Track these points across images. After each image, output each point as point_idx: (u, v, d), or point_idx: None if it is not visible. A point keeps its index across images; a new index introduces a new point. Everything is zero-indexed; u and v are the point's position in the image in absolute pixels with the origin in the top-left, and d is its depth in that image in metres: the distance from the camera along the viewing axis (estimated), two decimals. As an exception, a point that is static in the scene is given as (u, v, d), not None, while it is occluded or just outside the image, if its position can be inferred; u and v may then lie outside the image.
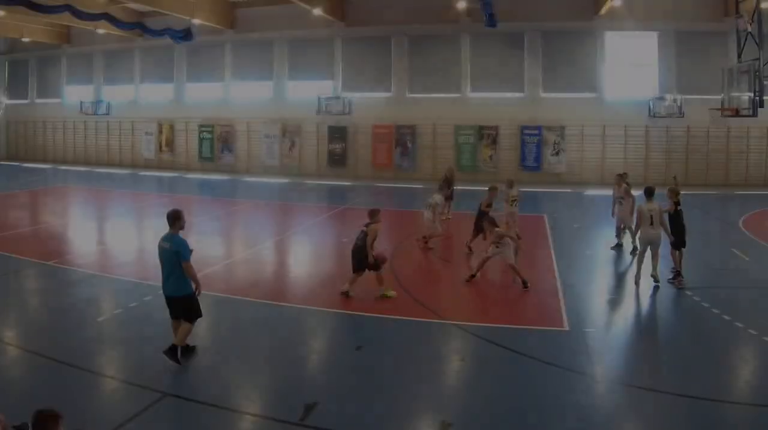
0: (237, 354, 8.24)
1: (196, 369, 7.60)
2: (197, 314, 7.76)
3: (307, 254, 15.05)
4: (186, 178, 29.53)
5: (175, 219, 7.64)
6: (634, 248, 13.32)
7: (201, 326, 8.57)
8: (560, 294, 10.84)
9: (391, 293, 10.51)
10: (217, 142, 31.18)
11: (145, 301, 10.01)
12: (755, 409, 6.82)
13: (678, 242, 11.49)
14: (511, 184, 15.18)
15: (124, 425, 6.08)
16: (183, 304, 7.63)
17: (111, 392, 7.03)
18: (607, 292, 11.66)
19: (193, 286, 7.64)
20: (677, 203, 11.62)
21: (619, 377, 7.57)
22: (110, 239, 16.28)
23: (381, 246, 14.68)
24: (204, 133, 31.37)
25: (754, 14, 18.88)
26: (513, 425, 6.42)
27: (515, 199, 15.02)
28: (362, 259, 10.37)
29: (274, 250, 15.04)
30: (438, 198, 15.02)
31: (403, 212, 21.34)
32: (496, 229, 11.60)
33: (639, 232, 11.61)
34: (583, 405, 6.76)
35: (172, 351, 7.56)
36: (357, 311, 9.88)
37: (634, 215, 12.89)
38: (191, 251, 7.63)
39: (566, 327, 9.16)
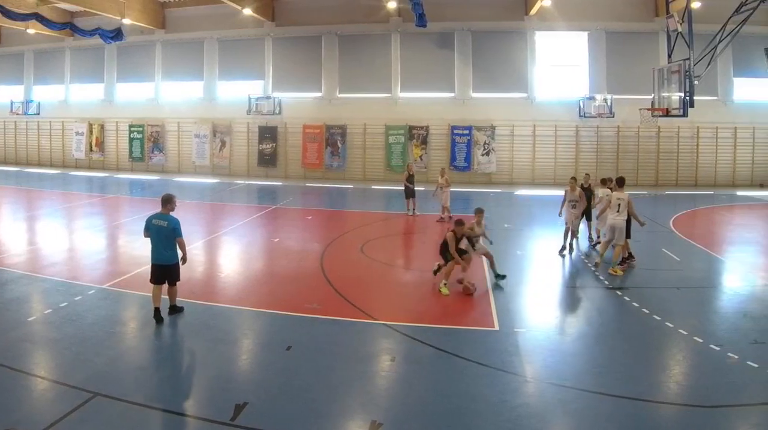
0: (167, 354, 8.06)
1: (127, 369, 7.31)
2: (178, 278, 8.98)
3: (237, 254, 14.23)
4: (116, 178, 27.81)
5: (167, 201, 8.82)
6: (563, 248, 13.37)
7: (131, 326, 8.85)
8: (490, 294, 10.56)
9: (445, 291, 10.44)
10: (148, 143, 29.48)
11: (75, 301, 9.62)
12: (683, 409, 6.62)
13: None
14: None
15: (55, 425, 5.88)
16: (171, 271, 8.82)
17: (42, 391, 6.73)
18: (537, 292, 11.14)
19: (180, 255, 8.84)
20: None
21: (549, 376, 7.29)
22: (39, 239, 15.23)
23: (314, 245, 14.37)
24: (134, 133, 29.64)
25: (684, 14, 17.94)
26: (444, 424, 6.16)
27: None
28: (446, 253, 10.92)
29: (204, 250, 14.18)
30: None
31: (333, 212, 20.64)
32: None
33: (601, 219, 12.39)
34: (513, 405, 6.56)
35: (172, 309, 9.00)
36: (287, 311, 9.53)
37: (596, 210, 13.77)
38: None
39: (496, 327, 8.92)
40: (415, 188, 18.24)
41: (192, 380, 7.34)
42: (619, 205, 12.07)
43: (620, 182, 12.51)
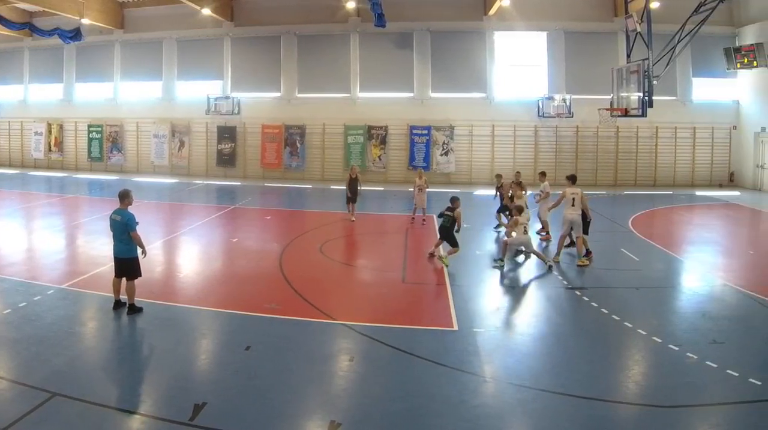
0: (127, 354, 7.83)
1: (86, 369, 7.16)
2: (137, 274, 8.97)
3: (197, 254, 13.85)
4: (75, 178, 26.84)
5: (124, 197, 8.96)
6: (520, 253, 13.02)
7: (90, 326, 8.72)
8: (449, 294, 10.35)
9: (446, 262, 11.76)
10: (107, 143, 28.46)
11: (34, 301, 9.44)
12: (642, 409, 6.50)
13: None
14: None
15: (14, 425, 5.80)
16: (128, 265, 8.87)
17: (0, 391, 6.54)
18: (496, 292, 10.98)
19: (139, 250, 8.86)
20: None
21: (508, 376, 7.19)
22: (-3, 239, 14.84)
23: (273, 245, 14.18)
24: (93, 133, 28.61)
25: (643, 14, 17.46)
26: (402, 424, 6.07)
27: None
28: (450, 236, 12.25)
29: (163, 250, 13.81)
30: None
31: (292, 212, 20.25)
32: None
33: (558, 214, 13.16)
34: (472, 404, 6.44)
35: (131, 308, 8.86)
36: (246, 311, 9.33)
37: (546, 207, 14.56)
38: (137, 223, 8.85)
39: (455, 327, 8.75)
40: (375, 189, 17.66)
41: (151, 380, 7.14)
42: (573, 199, 12.49)
43: (572, 179, 13.13)
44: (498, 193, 16.36)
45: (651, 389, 6.92)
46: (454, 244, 12.22)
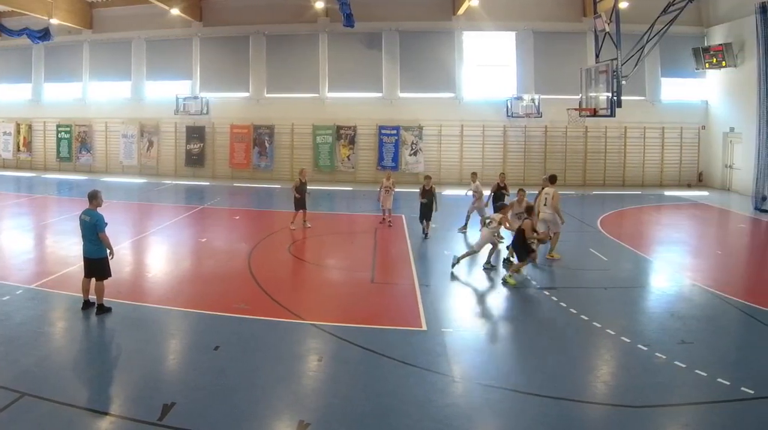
0: (96, 354, 7.78)
1: (56, 369, 7.09)
2: (107, 274, 8.89)
3: (165, 254, 13.71)
4: (44, 178, 26.16)
5: (93, 197, 8.87)
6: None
7: (59, 326, 8.60)
8: (418, 294, 10.26)
9: (513, 281, 10.82)
10: (75, 142, 27.78)
11: (2, 301, 9.35)
12: (611, 409, 6.46)
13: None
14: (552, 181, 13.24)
15: None
16: (97, 265, 8.79)
17: None
18: (465, 292, 10.87)
19: (108, 251, 8.78)
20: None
21: (477, 376, 7.13)
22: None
23: (241, 245, 13.96)
24: (62, 133, 27.94)
25: (611, 14, 17.13)
26: (371, 424, 5.99)
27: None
28: (517, 248, 11.19)
29: (132, 250, 13.62)
30: None
31: (261, 212, 20.05)
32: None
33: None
34: (441, 405, 6.36)
35: (99, 308, 8.78)
36: (215, 311, 9.24)
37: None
38: (106, 223, 8.80)
39: (424, 327, 8.68)
40: (343, 189, 17.12)
41: (120, 380, 7.06)
42: (546, 199, 12.74)
43: (552, 179, 13.27)
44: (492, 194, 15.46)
45: (620, 389, 6.87)
46: (522, 256, 11.17)
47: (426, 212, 14.74)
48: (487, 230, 11.69)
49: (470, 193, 15.72)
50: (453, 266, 11.58)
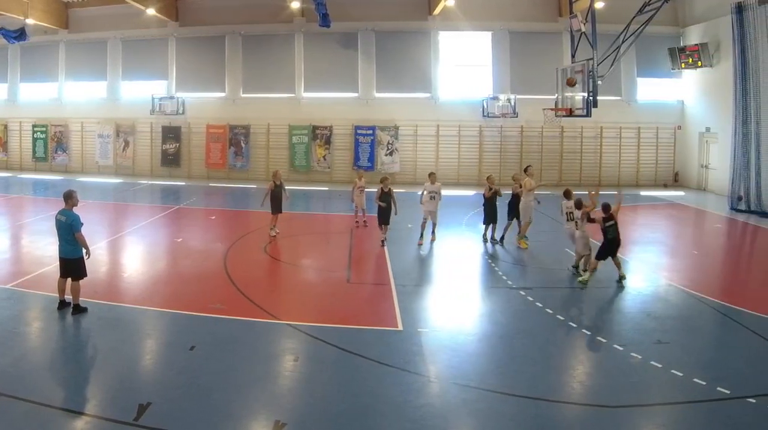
0: (71, 354, 7.67)
1: (31, 369, 6.97)
2: (82, 274, 8.76)
3: (141, 254, 13.55)
4: (19, 178, 25.73)
5: (68, 197, 8.80)
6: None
7: (35, 326, 8.50)
8: (394, 294, 10.17)
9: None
10: (51, 142, 27.29)
11: None
12: (587, 409, 6.41)
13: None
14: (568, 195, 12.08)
15: None
16: (73, 265, 8.67)
17: None
18: (440, 292, 10.75)
19: (84, 251, 8.68)
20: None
21: (453, 376, 7.01)
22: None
23: (217, 245, 13.72)
24: (38, 133, 27.45)
25: (587, 14, 16.68)
26: (347, 424, 5.93)
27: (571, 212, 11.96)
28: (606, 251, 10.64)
29: (107, 250, 13.40)
30: None
31: (237, 212, 19.78)
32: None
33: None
34: (417, 404, 6.30)
35: (75, 308, 8.69)
36: (190, 311, 9.17)
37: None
38: (82, 224, 8.71)
39: (400, 327, 8.62)
40: (319, 189, 16.74)
41: (96, 380, 6.99)
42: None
43: (526, 170, 14.20)
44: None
45: (596, 389, 6.82)
46: (601, 256, 10.67)
47: (384, 216, 13.64)
48: (579, 233, 11.24)
49: (433, 195, 14.04)
50: (577, 270, 11.40)
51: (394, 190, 14.07)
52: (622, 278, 10.77)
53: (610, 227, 10.47)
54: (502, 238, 14.00)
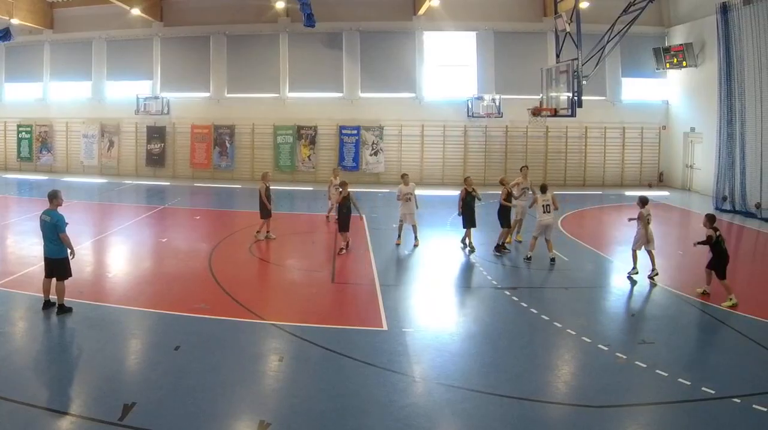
0: (56, 354, 7.55)
1: (16, 369, 6.88)
2: (67, 274, 8.67)
3: (126, 254, 13.37)
4: (4, 178, 25.23)
5: (53, 197, 8.65)
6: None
7: (20, 326, 8.35)
8: (379, 294, 10.08)
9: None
10: (36, 142, 26.80)
11: None
12: (572, 409, 6.34)
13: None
14: (544, 190, 12.43)
15: None
16: (57, 265, 8.58)
17: None
18: (425, 292, 10.58)
19: (68, 251, 8.56)
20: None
21: (437, 376, 6.93)
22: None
23: (202, 245, 13.67)
24: (22, 133, 26.98)
25: (572, 14, 16.47)
26: (332, 424, 5.87)
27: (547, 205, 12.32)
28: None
29: (92, 250, 13.26)
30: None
31: (221, 212, 19.52)
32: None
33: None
34: (402, 404, 6.25)
35: (60, 308, 8.57)
36: (175, 311, 9.09)
37: None
38: (67, 223, 8.60)
39: (385, 327, 8.55)
40: (304, 189, 16.32)
41: (81, 380, 6.90)
42: (543, 206, 12.55)
43: (542, 188, 12.83)
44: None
45: (581, 389, 6.78)
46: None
47: (344, 223, 12.88)
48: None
49: (408, 197, 13.70)
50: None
51: (354, 195, 13.36)
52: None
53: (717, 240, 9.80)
54: (503, 245, 13.20)
